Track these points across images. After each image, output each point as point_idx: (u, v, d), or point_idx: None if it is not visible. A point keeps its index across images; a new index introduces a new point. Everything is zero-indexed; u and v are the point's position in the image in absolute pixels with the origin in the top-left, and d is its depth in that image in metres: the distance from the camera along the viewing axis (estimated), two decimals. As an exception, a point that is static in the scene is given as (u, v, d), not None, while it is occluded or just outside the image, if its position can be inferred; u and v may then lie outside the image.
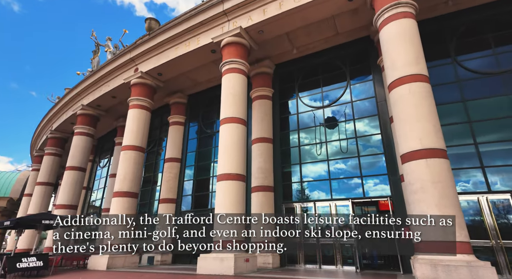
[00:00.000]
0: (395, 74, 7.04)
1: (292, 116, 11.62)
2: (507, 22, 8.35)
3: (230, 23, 9.77)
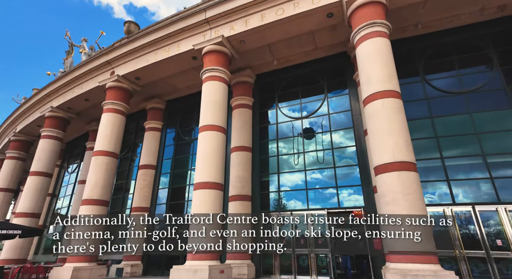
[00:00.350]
0: (369, 90, 7.35)
1: (271, 126, 11.74)
2: (470, 46, 9.10)
3: (212, 31, 9.79)
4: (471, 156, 8.15)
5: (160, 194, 13.00)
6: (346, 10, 8.18)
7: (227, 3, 9.38)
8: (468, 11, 8.49)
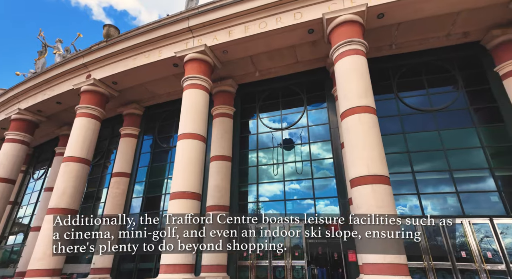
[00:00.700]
0: (347, 104, 7.60)
1: (252, 136, 11.77)
2: (438, 68, 9.74)
3: (195, 40, 9.77)
4: (439, 171, 8.60)
5: (133, 203, 12.49)
6: (326, 27, 8.50)
7: (210, 13, 9.44)
8: (436, 35, 9.13)
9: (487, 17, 8.32)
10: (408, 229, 8.07)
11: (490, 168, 8.16)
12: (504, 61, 8.40)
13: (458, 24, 8.65)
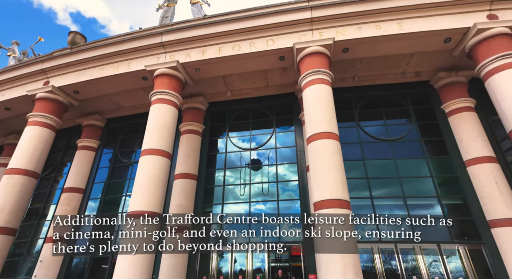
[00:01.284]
0: (313, 130, 7.92)
1: (220, 155, 11.64)
2: (395, 101, 10.66)
3: (167, 55, 9.69)
4: (395, 197, 9.15)
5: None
6: (296, 56, 8.97)
7: (185, 32, 9.50)
8: (393, 72, 10.08)
9: (435, 61, 9.42)
10: (366, 254, 8.40)
11: (438, 196, 8.89)
12: (448, 100, 9.48)
13: (412, 64, 9.66)
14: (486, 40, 7.80)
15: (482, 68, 7.81)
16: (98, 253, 7.51)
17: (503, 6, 7.93)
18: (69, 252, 7.34)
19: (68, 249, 7.41)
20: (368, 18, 8.53)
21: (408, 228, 8.54)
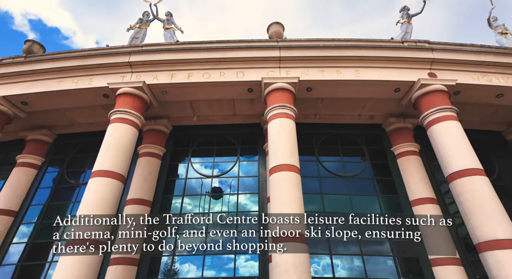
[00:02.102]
0: (275, 161, 8.08)
1: (179, 181, 11.17)
2: (351, 140, 11.41)
3: (133, 75, 9.47)
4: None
5: (11, 250, 9.89)
6: (264, 90, 9.36)
7: (154, 54, 9.47)
8: (351, 114, 10.95)
9: (386, 107, 10.47)
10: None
11: (388, 237, 9.38)
12: (397, 144, 10.45)
13: (367, 108, 10.62)
14: (427, 93, 8.96)
15: (424, 118, 8.86)
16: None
17: (440, 67, 9.30)
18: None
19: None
20: (330, 63, 9.35)
21: (360, 263, 8.78)
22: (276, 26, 10.95)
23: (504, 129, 11.35)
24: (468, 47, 10.05)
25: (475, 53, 9.43)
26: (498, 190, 8.33)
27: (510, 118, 10.89)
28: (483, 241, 6.92)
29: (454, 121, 8.36)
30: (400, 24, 11.78)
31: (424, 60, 9.28)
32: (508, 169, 10.96)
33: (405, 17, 11.70)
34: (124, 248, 8.73)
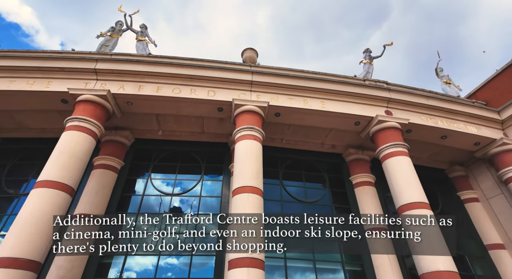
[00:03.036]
0: (240, 182, 8.03)
1: (136, 197, 10.50)
2: (314, 167, 11.83)
3: (98, 83, 9.04)
4: (306, 260, 9.48)
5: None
6: (234, 111, 9.46)
7: (123, 64, 9.20)
8: (314, 141, 11.42)
9: (347, 138, 11.13)
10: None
11: (342, 262, 9.58)
12: (355, 174, 11.02)
13: (329, 138, 11.18)
14: (384, 129, 9.74)
15: (380, 151, 9.55)
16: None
17: (395, 106, 10.26)
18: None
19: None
20: (298, 92, 9.84)
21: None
22: (250, 51, 11.40)
23: (447, 167, 12.64)
24: (420, 91, 11.28)
25: (425, 97, 10.59)
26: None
27: (452, 158, 12.17)
28: (426, 272, 7.37)
29: (406, 157, 9.12)
30: (363, 63, 12.98)
31: (382, 98, 10.17)
32: (449, 204, 12.06)
33: (367, 58, 12.93)
34: (62, 269, 7.83)
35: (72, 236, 8.06)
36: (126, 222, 9.86)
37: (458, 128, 10.45)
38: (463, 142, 10.92)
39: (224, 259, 8.90)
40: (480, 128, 10.79)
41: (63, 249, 6.52)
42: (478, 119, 10.90)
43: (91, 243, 8.70)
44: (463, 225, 11.40)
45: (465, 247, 10.83)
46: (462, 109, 10.73)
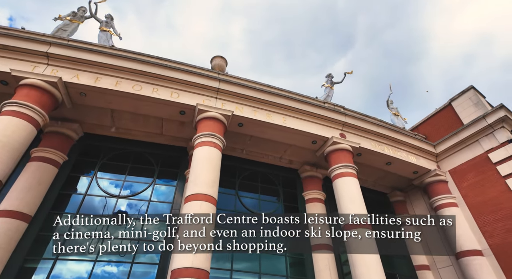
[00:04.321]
0: (194, 189, 7.82)
1: (77, 196, 9.59)
2: (270, 180, 12.02)
3: (49, 68, 8.25)
4: (252, 272, 9.45)
5: None
6: (197, 116, 9.30)
7: (80, 52, 8.55)
8: (273, 155, 11.69)
9: (304, 155, 11.59)
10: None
11: (287, 276, 9.73)
12: (308, 190, 11.49)
13: (288, 153, 11.54)
14: (337, 150, 10.36)
15: (332, 171, 10.10)
16: None
17: (348, 130, 11.02)
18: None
19: None
20: (263, 106, 10.06)
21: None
22: (220, 59, 11.43)
23: (389, 192, 13.80)
24: (371, 119, 12.27)
25: (376, 125, 11.55)
26: (381, 242, 9.76)
27: (394, 184, 13.34)
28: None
29: (354, 178, 9.77)
30: (324, 87, 13.80)
31: (338, 121, 10.86)
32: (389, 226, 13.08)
33: (329, 83, 13.79)
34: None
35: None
36: (61, 223, 8.93)
37: (401, 156, 11.54)
38: (404, 170, 12.06)
39: (167, 269, 8.47)
40: (419, 158, 12.05)
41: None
42: (418, 150, 12.18)
43: (13, 244, 7.70)
44: (398, 246, 12.43)
45: (397, 266, 11.78)
46: (406, 140, 11.91)
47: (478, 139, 11.22)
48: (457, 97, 12.78)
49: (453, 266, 10.87)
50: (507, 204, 9.75)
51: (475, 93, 12.19)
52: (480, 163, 10.92)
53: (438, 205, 11.42)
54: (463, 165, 11.49)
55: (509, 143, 10.20)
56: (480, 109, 11.60)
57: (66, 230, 8.79)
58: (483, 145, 11.03)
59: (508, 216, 9.62)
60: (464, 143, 11.60)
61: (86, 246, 8.74)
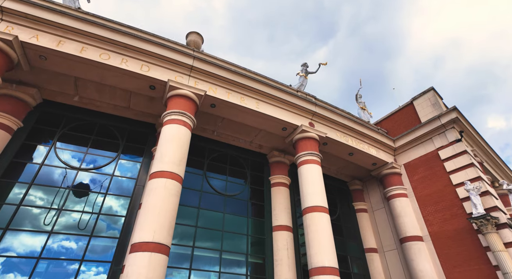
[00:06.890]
0: (159, 167, 7.69)
1: (32, 165, 9.00)
2: (239, 163, 12.19)
3: (3, 23, 7.46)
4: (213, 250, 9.73)
5: None
6: (167, 92, 9.02)
7: (40, 11, 7.81)
8: (244, 139, 11.84)
9: (274, 141, 11.88)
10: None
11: (247, 254, 10.16)
12: (274, 174, 11.89)
13: (258, 138, 11.73)
14: (305, 139, 10.75)
15: (298, 158, 10.51)
16: None
17: (318, 120, 11.43)
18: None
19: None
20: (237, 89, 10.01)
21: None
22: (195, 35, 11.03)
23: (349, 180, 14.70)
24: (340, 111, 12.79)
25: (343, 117, 12.07)
26: (336, 228, 10.44)
27: (354, 173, 14.21)
28: (314, 267, 8.43)
29: (317, 166, 10.26)
30: (299, 76, 13.99)
31: (308, 110, 11.19)
32: (346, 212, 14.04)
33: (303, 72, 14.01)
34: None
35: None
36: (11, 193, 8.39)
37: (363, 148, 12.27)
38: (365, 161, 12.87)
39: (127, 244, 8.42)
40: (379, 151, 12.90)
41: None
42: (379, 143, 13.01)
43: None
44: (352, 231, 13.45)
45: (349, 249, 12.80)
46: (369, 133, 12.63)
47: (431, 137, 12.24)
48: (418, 97, 13.70)
49: (397, 250, 12.06)
50: (447, 197, 10.91)
51: (434, 94, 13.15)
52: (431, 159, 11.99)
53: (390, 195, 12.44)
54: (416, 160, 12.54)
55: (457, 143, 11.27)
56: (436, 110, 12.58)
57: (18, 200, 8.31)
58: (435, 142, 12.07)
59: (446, 207, 10.79)
60: (419, 140, 12.61)
61: (40, 218, 8.36)
